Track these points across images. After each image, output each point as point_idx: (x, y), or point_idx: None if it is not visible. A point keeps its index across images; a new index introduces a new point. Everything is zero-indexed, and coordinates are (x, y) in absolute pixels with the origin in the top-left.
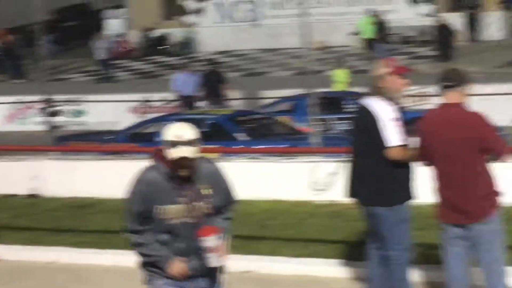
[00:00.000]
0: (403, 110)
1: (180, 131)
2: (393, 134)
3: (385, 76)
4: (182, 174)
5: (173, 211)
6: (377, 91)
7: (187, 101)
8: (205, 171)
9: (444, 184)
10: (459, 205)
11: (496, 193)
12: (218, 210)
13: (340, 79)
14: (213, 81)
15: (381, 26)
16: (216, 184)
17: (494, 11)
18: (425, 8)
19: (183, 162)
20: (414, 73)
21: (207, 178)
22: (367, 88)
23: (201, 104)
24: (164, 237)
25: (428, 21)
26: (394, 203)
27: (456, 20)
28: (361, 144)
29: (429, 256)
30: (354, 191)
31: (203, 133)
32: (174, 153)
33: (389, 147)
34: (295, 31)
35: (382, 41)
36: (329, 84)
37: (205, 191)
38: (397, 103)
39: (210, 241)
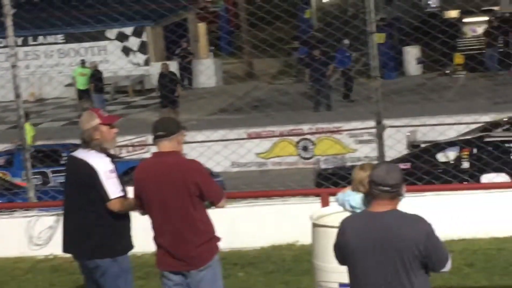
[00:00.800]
0: (118, 160)
1: None
2: (112, 186)
3: (96, 127)
4: None
5: None
6: (90, 143)
7: None
8: None
9: (161, 232)
10: (177, 252)
11: (214, 239)
12: None
13: (27, 133)
14: None
15: (96, 77)
16: None
17: (205, 58)
18: (138, 57)
19: None
20: (133, 122)
21: None
22: (79, 140)
23: None
24: None
25: (143, 70)
26: (116, 254)
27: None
28: (78, 197)
29: None
30: (71, 245)
31: None
32: None
33: (110, 200)
34: (6, 84)
35: (98, 91)
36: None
37: None
38: (111, 154)
39: None
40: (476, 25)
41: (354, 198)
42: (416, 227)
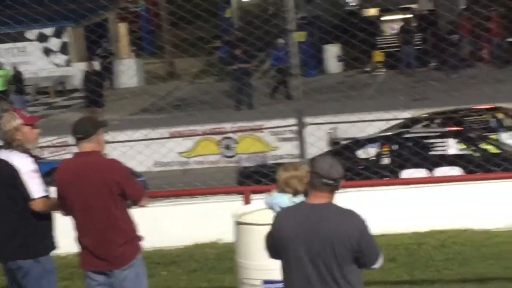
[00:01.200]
0: (40, 161)
1: None
2: (35, 186)
3: (18, 128)
4: None
5: None
6: (12, 144)
7: None
8: None
9: (83, 232)
10: (99, 252)
11: (137, 238)
12: None
13: None
14: None
15: (16, 78)
16: None
17: (126, 58)
18: (59, 58)
19: None
20: (54, 123)
21: None
22: (1, 141)
23: None
24: None
25: (64, 71)
26: (39, 255)
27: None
28: (0, 198)
29: None
30: None
31: None
32: None
33: (32, 200)
34: None
35: (18, 92)
36: None
37: None
38: (33, 154)
39: None
40: (394, 23)
41: (282, 200)
42: (351, 222)
